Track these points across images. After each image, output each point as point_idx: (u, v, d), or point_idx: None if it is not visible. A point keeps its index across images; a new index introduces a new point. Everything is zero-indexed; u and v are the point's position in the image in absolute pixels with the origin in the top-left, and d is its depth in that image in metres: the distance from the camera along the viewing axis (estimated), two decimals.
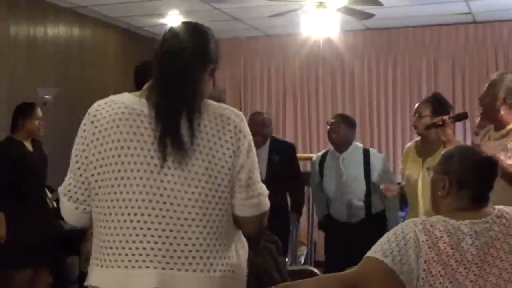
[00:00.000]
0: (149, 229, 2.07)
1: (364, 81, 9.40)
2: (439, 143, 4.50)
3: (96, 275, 2.15)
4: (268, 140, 6.04)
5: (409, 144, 5.11)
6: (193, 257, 2.09)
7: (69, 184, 2.23)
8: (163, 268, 2.06)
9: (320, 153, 6.12)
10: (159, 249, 2.07)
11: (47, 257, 5.57)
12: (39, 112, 5.58)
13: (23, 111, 5.57)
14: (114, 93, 2.28)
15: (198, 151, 2.10)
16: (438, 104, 4.77)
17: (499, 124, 4.03)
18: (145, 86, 2.21)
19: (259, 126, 5.89)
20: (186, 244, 2.08)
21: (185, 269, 2.07)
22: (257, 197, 2.23)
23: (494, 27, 8.86)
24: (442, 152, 2.65)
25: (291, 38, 9.07)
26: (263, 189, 2.26)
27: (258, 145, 5.76)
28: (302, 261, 7.27)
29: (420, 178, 4.66)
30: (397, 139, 9.22)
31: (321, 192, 5.92)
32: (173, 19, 8.14)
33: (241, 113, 2.24)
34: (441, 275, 2.27)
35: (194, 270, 2.08)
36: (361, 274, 2.38)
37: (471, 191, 2.46)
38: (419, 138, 4.88)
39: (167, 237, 2.07)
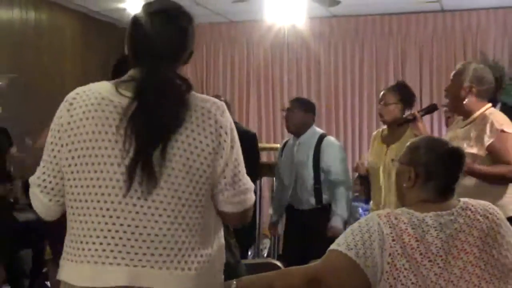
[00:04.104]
0: (121, 225, 2.03)
1: (330, 69, 9.44)
2: (404, 130, 4.59)
3: (66, 270, 2.10)
4: None
5: (374, 133, 5.15)
6: (168, 255, 2.05)
7: (43, 174, 2.15)
8: (135, 266, 2.02)
9: (285, 140, 6.12)
10: (132, 246, 2.03)
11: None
12: None
13: None
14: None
15: (175, 157, 2.03)
16: (404, 92, 4.83)
17: (465, 114, 4.08)
18: (126, 77, 2.13)
19: None
20: (160, 241, 2.04)
21: (158, 267, 2.03)
22: (243, 194, 2.19)
23: (462, 16, 8.94)
24: (408, 143, 2.68)
25: (255, 24, 9.07)
26: (249, 184, 2.22)
27: None
28: (265, 254, 7.28)
29: (382, 165, 4.73)
30: (363, 127, 9.30)
31: (280, 181, 5.94)
32: (133, 4, 8.07)
33: (222, 104, 2.16)
34: (405, 268, 2.29)
35: (168, 268, 2.04)
36: (325, 268, 2.40)
37: (438, 182, 2.48)
38: (385, 126, 4.93)
39: (141, 234, 2.03)
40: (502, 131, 3.91)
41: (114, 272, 2.02)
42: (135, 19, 2.17)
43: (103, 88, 2.11)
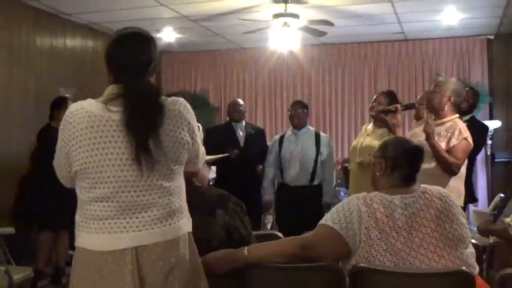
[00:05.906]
0: (129, 201, 2.06)
1: (319, 85, 9.43)
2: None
3: (82, 239, 2.11)
4: (243, 121, 6.23)
5: (364, 126, 5.15)
6: (163, 216, 2.10)
7: (57, 166, 2.21)
8: (140, 230, 2.06)
9: (278, 136, 6.12)
10: (137, 217, 2.06)
11: (66, 222, 5.45)
12: (70, 104, 5.47)
13: (58, 103, 5.59)
14: None
15: (163, 143, 2.08)
16: (392, 97, 4.85)
17: (439, 116, 4.09)
18: (107, 94, 2.14)
19: (233, 105, 6.29)
20: (158, 210, 2.08)
21: (157, 227, 2.08)
22: (198, 164, 2.32)
23: (421, 44, 8.93)
24: (381, 142, 2.68)
25: (261, 51, 9.04)
26: (202, 158, 2.34)
27: (236, 120, 6.16)
28: (269, 227, 7.27)
29: (359, 145, 4.75)
30: (345, 129, 9.30)
31: (274, 167, 5.86)
32: (168, 34, 8.10)
33: (185, 103, 2.19)
34: (378, 238, 2.31)
35: (164, 225, 2.09)
36: (315, 237, 2.42)
37: (402, 172, 2.48)
38: (370, 123, 4.95)
39: (142, 208, 2.07)
40: (465, 138, 3.96)
41: (122, 238, 2.05)
42: (112, 44, 2.18)
43: (92, 107, 2.12)
